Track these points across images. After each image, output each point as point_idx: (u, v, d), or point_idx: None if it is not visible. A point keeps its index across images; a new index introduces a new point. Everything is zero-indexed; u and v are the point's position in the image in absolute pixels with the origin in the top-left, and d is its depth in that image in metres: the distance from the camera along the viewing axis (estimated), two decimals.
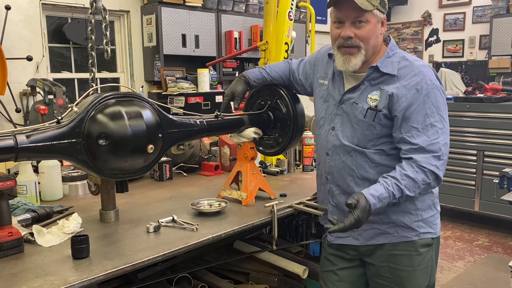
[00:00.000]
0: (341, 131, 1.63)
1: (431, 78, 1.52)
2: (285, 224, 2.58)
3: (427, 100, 1.50)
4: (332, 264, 1.77)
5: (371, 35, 1.54)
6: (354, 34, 1.53)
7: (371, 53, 1.58)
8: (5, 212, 1.50)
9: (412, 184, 1.48)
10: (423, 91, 1.50)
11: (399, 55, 1.59)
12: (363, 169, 1.60)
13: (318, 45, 6.36)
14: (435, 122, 1.51)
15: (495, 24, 6.19)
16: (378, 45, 1.58)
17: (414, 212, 1.59)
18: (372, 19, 1.52)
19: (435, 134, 1.50)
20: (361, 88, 1.60)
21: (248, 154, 2.04)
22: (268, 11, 3.19)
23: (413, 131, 1.50)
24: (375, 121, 1.55)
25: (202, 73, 4.84)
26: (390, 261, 1.62)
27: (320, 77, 1.78)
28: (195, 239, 1.61)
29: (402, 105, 1.51)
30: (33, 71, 4.23)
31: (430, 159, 1.49)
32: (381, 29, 1.57)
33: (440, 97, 1.53)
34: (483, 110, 4.59)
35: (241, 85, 1.96)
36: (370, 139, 1.57)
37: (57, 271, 1.35)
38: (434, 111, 1.51)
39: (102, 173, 1.56)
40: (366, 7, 1.49)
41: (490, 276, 3.65)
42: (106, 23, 2.23)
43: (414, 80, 1.51)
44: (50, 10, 4.47)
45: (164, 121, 1.67)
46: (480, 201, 4.65)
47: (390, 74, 1.55)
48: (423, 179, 1.49)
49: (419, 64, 1.56)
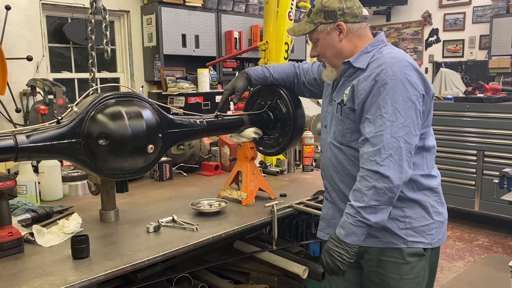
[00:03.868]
0: (329, 129, 1.67)
1: (394, 70, 1.44)
2: (285, 224, 2.58)
3: (382, 91, 1.43)
4: None
5: (325, 49, 1.63)
6: (317, 52, 1.67)
7: (341, 60, 1.61)
8: (5, 212, 1.50)
9: (359, 195, 1.44)
10: (380, 82, 1.44)
11: (378, 49, 1.56)
12: (343, 165, 1.60)
13: None
14: (385, 114, 1.42)
15: (495, 24, 6.19)
16: (342, 51, 1.60)
17: (402, 219, 1.55)
18: (320, 35, 1.61)
19: (381, 126, 1.42)
20: (339, 84, 1.63)
21: (248, 154, 2.04)
22: (268, 11, 3.19)
23: (366, 122, 1.47)
24: (343, 115, 1.57)
25: (202, 73, 4.84)
26: (379, 266, 1.60)
27: None
28: (195, 239, 1.61)
29: (361, 97, 1.49)
30: (33, 71, 4.23)
31: (370, 154, 1.43)
32: (339, 36, 1.58)
33: (401, 90, 1.43)
34: (483, 110, 4.59)
35: (242, 81, 1.98)
36: (343, 134, 1.59)
37: (57, 271, 1.35)
38: (388, 102, 1.42)
39: (102, 173, 1.56)
40: (303, 32, 1.64)
41: (490, 276, 3.65)
42: (106, 23, 2.23)
43: (375, 72, 1.47)
44: (50, 10, 4.47)
45: (164, 121, 1.67)
46: (480, 201, 4.65)
47: (361, 69, 1.54)
48: (365, 185, 1.43)
49: (389, 56, 1.50)
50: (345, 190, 1.61)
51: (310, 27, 1.62)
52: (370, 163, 1.43)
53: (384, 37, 1.62)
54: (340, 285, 1.76)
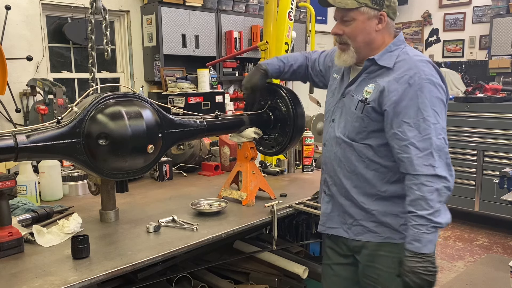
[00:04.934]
0: (338, 124, 1.65)
1: (426, 73, 1.48)
2: (285, 224, 2.58)
3: (420, 94, 1.45)
4: (328, 258, 1.78)
5: (358, 33, 1.55)
6: (342, 32, 1.57)
7: (368, 49, 1.57)
8: (5, 212, 1.50)
9: (423, 203, 1.44)
10: (415, 85, 1.46)
11: (402, 50, 1.57)
12: (350, 161, 1.60)
13: (318, 45, 6.36)
14: (428, 117, 1.45)
15: (495, 24, 6.19)
16: (373, 41, 1.57)
17: (402, 215, 1.56)
18: (359, 17, 1.53)
19: (427, 129, 1.45)
20: (358, 80, 1.60)
21: (248, 154, 2.04)
22: (268, 11, 3.19)
23: (404, 126, 1.46)
24: (364, 114, 1.55)
25: (202, 73, 4.84)
26: (376, 261, 1.61)
27: (334, 72, 1.79)
28: (195, 239, 1.61)
29: (392, 99, 1.48)
30: (33, 71, 4.23)
31: (423, 159, 1.44)
32: (377, 25, 1.55)
33: (436, 92, 1.48)
34: (483, 110, 4.58)
35: (261, 78, 1.98)
36: (359, 131, 1.57)
37: (57, 271, 1.35)
38: (428, 105, 1.45)
39: (102, 173, 1.56)
40: (344, 5, 1.52)
41: (490, 276, 3.65)
42: (106, 23, 2.22)
43: (407, 74, 1.48)
44: (50, 10, 4.47)
45: (164, 121, 1.67)
46: (480, 201, 4.65)
47: (386, 67, 1.54)
48: (428, 190, 1.44)
49: (417, 58, 1.52)
50: (347, 185, 1.61)
51: (353, 4, 1.52)
52: (425, 168, 1.44)
53: (403, 37, 1.62)
54: (335, 282, 1.77)
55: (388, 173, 1.56)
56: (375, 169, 1.57)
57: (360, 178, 1.58)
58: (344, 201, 1.64)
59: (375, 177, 1.57)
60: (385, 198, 1.57)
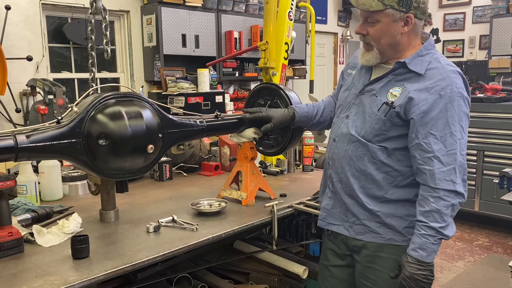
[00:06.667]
0: (353, 121, 1.61)
1: (458, 86, 1.46)
2: (285, 224, 2.58)
3: (450, 108, 1.44)
4: (327, 260, 1.78)
5: (382, 35, 1.52)
6: (366, 32, 1.55)
7: (393, 51, 1.55)
8: (5, 212, 1.50)
9: (437, 216, 1.44)
10: (446, 97, 1.44)
11: (433, 56, 1.54)
12: (362, 161, 1.57)
13: (318, 45, 6.36)
14: (455, 132, 1.44)
15: (495, 24, 6.19)
16: (398, 44, 1.53)
17: (406, 218, 1.56)
18: (384, 19, 1.49)
19: (453, 144, 1.44)
20: (384, 80, 1.56)
21: (248, 154, 2.04)
22: (268, 11, 3.18)
23: (430, 137, 1.44)
24: (387, 117, 1.51)
25: (202, 73, 4.84)
26: (376, 262, 1.60)
27: (349, 67, 1.76)
28: (195, 239, 1.61)
29: (422, 108, 1.45)
30: (33, 71, 4.23)
31: (445, 174, 1.44)
32: (403, 28, 1.51)
33: (464, 107, 1.47)
34: (483, 110, 4.59)
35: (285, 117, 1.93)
36: (377, 133, 1.53)
37: (57, 271, 1.35)
38: (456, 120, 1.44)
39: (102, 173, 1.56)
40: (369, 7, 1.48)
41: (490, 276, 3.65)
42: (106, 23, 2.22)
43: (439, 85, 1.45)
44: (50, 10, 4.47)
45: (164, 121, 1.67)
46: (480, 201, 4.65)
47: (417, 73, 1.50)
48: (445, 205, 1.44)
49: (450, 69, 1.50)
50: (354, 185, 1.60)
51: (378, 6, 1.47)
52: (446, 183, 1.44)
53: (433, 41, 1.60)
54: (332, 284, 1.77)
55: (398, 177, 1.55)
56: (386, 172, 1.55)
57: (369, 179, 1.57)
58: (348, 200, 1.63)
59: (385, 179, 1.55)
60: (391, 201, 1.56)
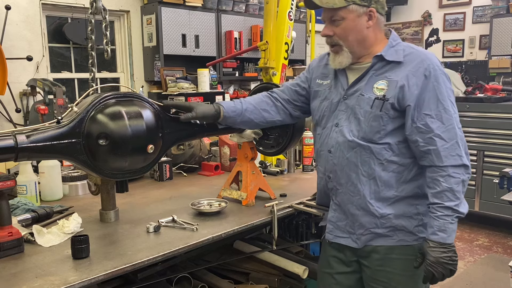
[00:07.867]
0: (346, 127, 1.58)
1: (437, 64, 1.51)
2: (285, 224, 2.58)
3: (437, 86, 1.48)
4: (330, 267, 1.73)
5: (349, 32, 1.53)
6: (333, 32, 1.55)
7: (362, 47, 1.56)
8: (5, 212, 1.50)
9: (450, 194, 1.45)
10: (431, 76, 1.48)
11: (404, 44, 1.58)
12: (368, 165, 1.54)
13: (318, 45, 6.39)
14: (448, 107, 1.48)
15: (495, 24, 6.19)
16: (366, 39, 1.55)
17: (416, 217, 1.56)
18: (348, 15, 1.51)
19: (449, 120, 1.47)
20: (366, 78, 1.56)
21: (248, 154, 2.04)
22: (268, 11, 3.18)
23: (426, 118, 1.47)
24: (383, 111, 1.50)
25: (202, 73, 4.85)
26: (387, 265, 1.59)
27: (317, 78, 1.74)
28: (195, 239, 1.61)
29: (414, 93, 1.47)
30: (33, 71, 4.23)
31: (450, 149, 1.46)
32: (368, 22, 1.53)
33: (448, 83, 1.51)
34: (483, 110, 4.59)
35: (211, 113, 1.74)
36: (377, 130, 1.52)
37: (57, 271, 1.35)
38: (445, 96, 1.48)
39: (102, 173, 1.56)
40: (332, 5, 1.50)
41: (490, 276, 3.65)
42: (106, 23, 2.22)
43: (421, 66, 1.49)
44: (50, 10, 4.47)
45: (164, 121, 1.67)
46: (480, 201, 4.65)
47: (396, 62, 1.52)
48: (455, 182, 1.45)
49: (424, 51, 1.56)
50: (365, 191, 1.56)
51: (341, 3, 1.49)
52: (453, 158, 1.46)
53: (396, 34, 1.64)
54: None
55: (404, 171, 1.55)
56: (392, 170, 1.55)
57: (378, 181, 1.54)
58: (355, 211, 1.59)
59: (393, 177, 1.55)
60: (401, 199, 1.56)
